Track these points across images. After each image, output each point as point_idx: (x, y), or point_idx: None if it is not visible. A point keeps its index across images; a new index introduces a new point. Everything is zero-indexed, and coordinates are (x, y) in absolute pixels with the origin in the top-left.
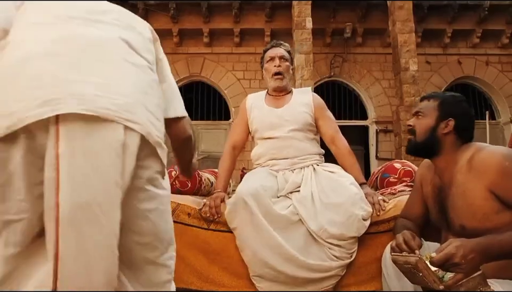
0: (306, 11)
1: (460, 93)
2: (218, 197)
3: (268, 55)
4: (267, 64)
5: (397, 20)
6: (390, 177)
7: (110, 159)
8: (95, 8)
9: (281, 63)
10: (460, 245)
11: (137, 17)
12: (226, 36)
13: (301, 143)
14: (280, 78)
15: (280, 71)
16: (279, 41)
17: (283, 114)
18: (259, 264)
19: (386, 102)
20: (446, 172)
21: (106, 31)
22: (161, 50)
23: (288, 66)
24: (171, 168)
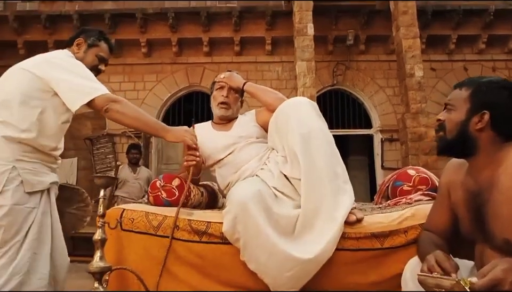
0: (307, 17)
1: None
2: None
3: (218, 83)
4: (216, 92)
5: (401, 25)
6: (404, 185)
7: None
8: None
9: (230, 94)
10: (509, 269)
11: None
12: (227, 45)
13: (259, 146)
14: (225, 107)
15: (226, 101)
16: (232, 70)
17: (235, 134)
18: (276, 270)
19: (391, 110)
20: (484, 174)
21: None
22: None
23: (237, 98)
24: (156, 178)
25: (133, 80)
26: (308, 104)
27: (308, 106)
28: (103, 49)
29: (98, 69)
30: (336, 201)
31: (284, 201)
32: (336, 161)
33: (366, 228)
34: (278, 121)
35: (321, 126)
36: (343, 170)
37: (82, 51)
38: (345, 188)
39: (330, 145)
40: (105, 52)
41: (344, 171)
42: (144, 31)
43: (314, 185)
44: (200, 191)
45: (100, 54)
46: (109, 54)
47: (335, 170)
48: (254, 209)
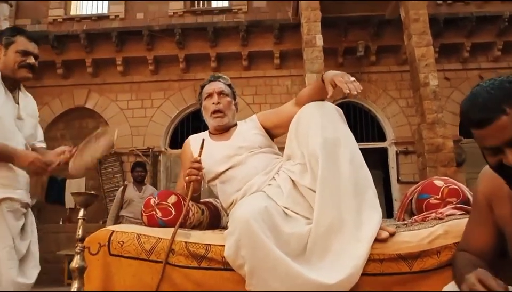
0: (316, 28)
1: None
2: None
3: (205, 92)
4: (205, 102)
5: (413, 33)
6: (431, 198)
7: None
8: None
9: (221, 99)
10: None
11: None
12: (234, 60)
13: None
14: (220, 116)
15: (220, 109)
16: (217, 74)
17: (235, 143)
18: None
19: (405, 121)
20: None
21: None
22: None
23: (230, 102)
24: (150, 195)
25: (141, 98)
26: (334, 108)
27: (334, 111)
28: (21, 42)
29: (28, 64)
30: (360, 218)
31: (297, 219)
32: (364, 173)
33: (391, 249)
34: (300, 123)
35: (349, 132)
36: (371, 184)
37: (3, 55)
38: (374, 203)
39: (358, 155)
40: (25, 44)
41: (373, 186)
42: (151, 48)
43: (334, 197)
44: (201, 208)
45: (19, 49)
46: (31, 44)
47: (364, 183)
48: (259, 229)
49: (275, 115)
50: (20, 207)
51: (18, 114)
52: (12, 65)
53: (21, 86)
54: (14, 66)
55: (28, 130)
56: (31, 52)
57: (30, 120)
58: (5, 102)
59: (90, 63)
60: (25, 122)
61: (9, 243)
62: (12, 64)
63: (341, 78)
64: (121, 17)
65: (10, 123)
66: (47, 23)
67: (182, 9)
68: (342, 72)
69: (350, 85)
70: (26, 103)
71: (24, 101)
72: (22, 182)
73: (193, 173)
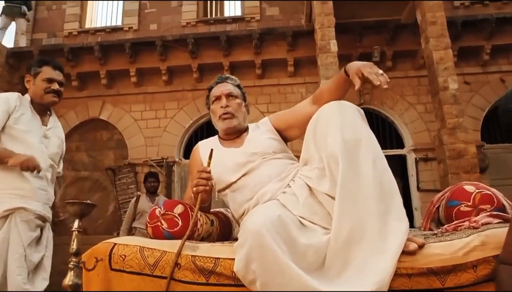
0: (330, 34)
1: (505, 114)
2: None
3: (212, 95)
4: (213, 105)
5: (430, 36)
6: (461, 205)
7: None
8: None
9: (230, 102)
10: None
11: None
12: (248, 68)
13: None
14: (228, 117)
15: (229, 112)
16: (225, 75)
17: (247, 150)
18: None
19: (423, 127)
20: None
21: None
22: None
23: (240, 104)
24: (155, 205)
25: (154, 109)
26: (355, 108)
27: (355, 111)
28: (46, 71)
29: (52, 89)
30: (386, 227)
31: (314, 230)
32: (389, 178)
33: (421, 262)
34: (318, 123)
35: (371, 134)
36: (397, 190)
37: (32, 84)
38: (401, 211)
39: (382, 158)
40: (49, 72)
41: (399, 192)
42: (164, 58)
43: (355, 204)
44: (210, 219)
45: (44, 77)
46: (56, 72)
47: (389, 188)
48: (272, 240)
49: (289, 115)
50: (34, 218)
51: (45, 133)
52: (39, 92)
53: (52, 112)
54: (41, 93)
55: (53, 149)
56: (55, 79)
57: (55, 140)
58: (31, 120)
59: (105, 75)
60: (51, 141)
61: (20, 251)
62: (39, 90)
63: (369, 69)
64: (134, 29)
65: (35, 141)
66: (63, 36)
67: (195, 19)
68: (369, 62)
69: (380, 78)
70: (55, 126)
71: (53, 125)
72: (40, 195)
73: (202, 184)
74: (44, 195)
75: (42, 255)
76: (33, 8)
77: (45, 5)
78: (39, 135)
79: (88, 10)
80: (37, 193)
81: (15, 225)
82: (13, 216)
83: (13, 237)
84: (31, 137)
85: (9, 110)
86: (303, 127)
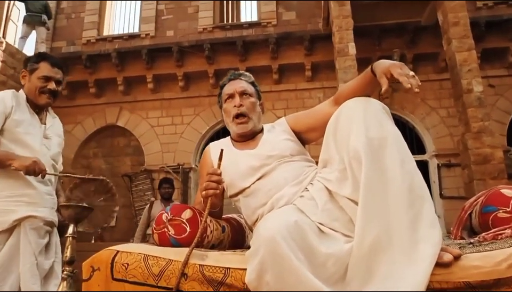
0: (348, 36)
1: None
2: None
3: (225, 93)
4: (226, 105)
5: (453, 38)
6: (498, 211)
7: None
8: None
9: (244, 101)
10: None
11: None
12: (265, 73)
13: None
14: (243, 121)
15: (243, 112)
16: (238, 71)
17: (262, 152)
18: None
19: (446, 132)
20: None
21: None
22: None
23: (254, 103)
24: (162, 210)
25: (171, 115)
26: (379, 104)
27: (380, 107)
28: (44, 68)
29: (48, 89)
30: (416, 235)
31: (334, 237)
32: (419, 181)
33: (457, 275)
34: (339, 121)
35: (397, 132)
36: (428, 194)
37: (27, 81)
38: (433, 218)
39: (410, 159)
40: (47, 70)
41: (429, 196)
42: (181, 64)
43: (381, 208)
44: (221, 225)
45: (41, 75)
46: (54, 70)
47: (419, 192)
48: (288, 249)
49: (308, 117)
50: (43, 224)
51: (45, 133)
52: (34, 91)
53: (49, 108)
54: (36, 92)
55: (54, 149)
56: (52, 77)
57: (56, 139)
58: (30, 121)
59: (122, 81)
60: (52, 141)
61: (32, 260)
62: (34, 89)
63: (400, 70)
64: (151, 35)
65: (37, 143)
66: (81, 44)
67: (211, 25)
68: (399, 62)
69: (411, 80)
70: (53, 123)
71: (51, 121)
72: (47, 201)
73: (211, 187)
74: (50, 200)
75: (52, 261)
76: (53, 17)
77: (64, 14)
78: (40, 136)
79: (106, 18)
80: (44, 198)
81: (24, 234)
82: (22, 224)
83: (24, 246)
84: (32, 139)
85: (6, 111)
86: (322, 129)
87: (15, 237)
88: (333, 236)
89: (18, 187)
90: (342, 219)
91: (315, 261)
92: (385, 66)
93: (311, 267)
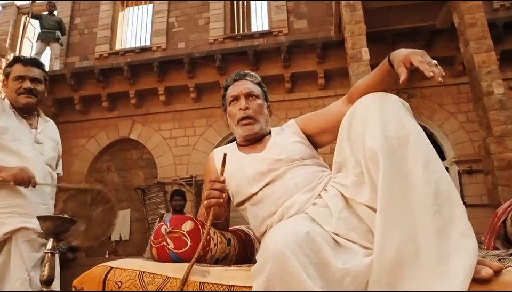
0: (361, 42)
1: None
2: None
3: (229, 95)
4: (230, 107)
5: (470, 39)
6: None
7: None
8: None
9: (250, 103)
10: None
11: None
12: (277, 83)
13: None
14: (249, 122)
15: (249, 115)
16: (243, 71)
17: (270, 156)
18: None
19: (466, 138)
20: None
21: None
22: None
23: (261, 105)
24: (161, 222)
25: (183, 127)
26: (398, 100)
27: (399, 103)
28: (16, 69)
29: (24, 89)
30: (446, 246)
31: (352, 250)
32: (447, 183)
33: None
34: (354, 119)
35: (420, 130)
36: (458, 199)
37: (7, 87)
38: (466, 226)
39: (436, 159)
40: (19, 69)
41: (460, 201)
42: (192, 76)
43: (403, 215)
44: (226, 238)
45: (14, 76)
46: (26, 68)
47: (448, 196)
48: (298, 264)
49: (320, 117)
50: (36, 236)
51: (36, 138)
52: (12, 94)
53: (40, 112)
54: (14, 95)
55: (48, 153)
56: (26, 76)
57: (49, 143)
58: (17, 127)
59: (134, 94)
60: (45, 146)
61: (23, 275)
62: (12, 92)
63: (421, 57)
64: (163, 48)
65: (27, 149)
66: (94, 59)
67: (222, 36)
68: (420, 50)
69: (434, 69)
70: (46, 127)
71: (44, 126)
72: (41, 211)
73: (214, 196)
74: (45, 210)
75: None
76: (66, 33)
77: (77, 30)
78: (30, 141)
79: (118, 32)
80: (38, 208)
81: (16, 247)
82: (14, 237)
83: (15, 261)
84: (21, 145)
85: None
86: (335, 131)
87: (5, 252)
88: (350, 249)
89: (8, 197)
90: (360, 229)
91: (330, 279)
92: (403, 55)
93: (325, 285)
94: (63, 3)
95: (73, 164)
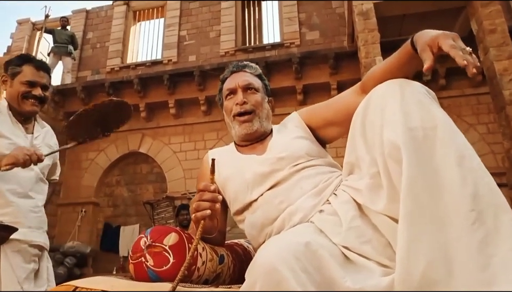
0: (374, 50)
1: None
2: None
3: (226, 88)
4: (227, 102)
5: (490, 46)
6: None
7: None
8: None
9: (248, 97)
10: None
11: None
12: (289, 95)
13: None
14: (247, 119)
15: (247, 110)
16: (242, 62)
17: (273, 154)
18: None
19: (487, 150)
20: None
21: None
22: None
23: (262, 98)
24: (142, 233)
25: (193, 140)
26: (421, 87)
27: (422, 90)
28: (27, 72)
29: (33, 95)
30: (489, 262)
31: (366, 267)
32: (489, 184)
33: None
34: (369, 110)
35: (449, 120)
36: (504, 203)
37: (9, 86)
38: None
39: (472, 154)
40: (31, 74)
41: (507, 205)
42: (203, 88)
43: (431, 225)
44: (219, 255)
45: (24, 80)
46: (39, 73)
47: (489, 200)
48: (295, 283)
49: (327, 108)
50: (28, 247)
51: (32, 144)
52: (16, 96)
53: (37, 117)
54: (19, 98)
55: (44, 160)
56: (38, 82)
57: (46, 149)
58: (13, 131)
59: (144, 107)
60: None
61: (16, 288)
62: (16, 94)
63: (452, 41)
64: (174, 61)
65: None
66: (105, 73)
67: (233, 48)
68: (451, 32)
69: (468, 57)
70: (43, 133)
71: (40, 131)
72: (32, 219)
73: (203, 208)
74: (35, 218)
75: (44, 290)
76: (79, 47)
77: (90, 44)
78: (25, 146)
79: (130, 46)
80: (28, 216)
81: (5, 258)
82: (2, 248)
83: (5, 274)
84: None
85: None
86: (345, 123)
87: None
88: (363, 266)
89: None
90: (377, 242)
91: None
92: (431, 36)
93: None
94: (77, 19)
95: (82, 178)
